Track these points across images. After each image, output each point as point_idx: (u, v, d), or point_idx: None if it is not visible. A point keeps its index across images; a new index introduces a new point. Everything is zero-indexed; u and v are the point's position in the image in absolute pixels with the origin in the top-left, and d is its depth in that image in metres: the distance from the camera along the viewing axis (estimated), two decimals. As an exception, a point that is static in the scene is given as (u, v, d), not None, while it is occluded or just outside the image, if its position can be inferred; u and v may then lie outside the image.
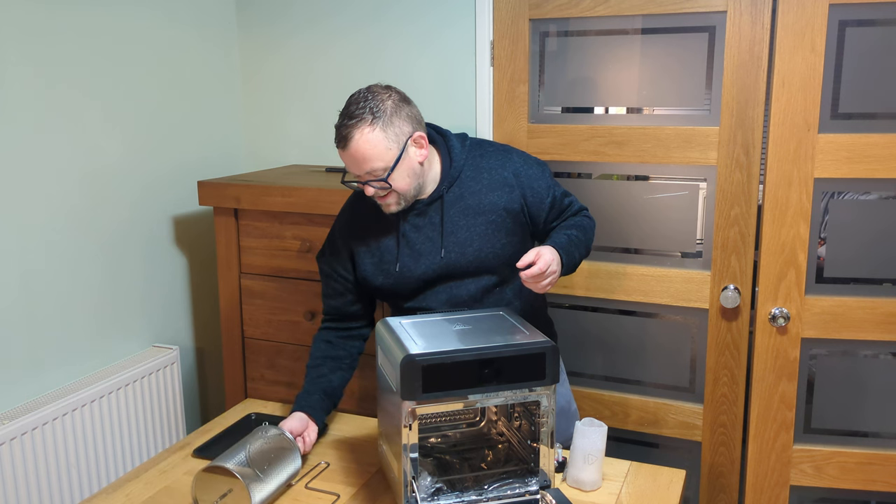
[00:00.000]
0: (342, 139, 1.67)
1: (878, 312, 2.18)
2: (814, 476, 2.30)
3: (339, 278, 1.90)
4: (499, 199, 1.81)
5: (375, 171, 1.68)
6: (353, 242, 1.87)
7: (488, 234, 1.80)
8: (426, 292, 1.84)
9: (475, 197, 1.81)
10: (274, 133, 2.86)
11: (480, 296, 1.84)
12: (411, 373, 1.43)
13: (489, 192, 1.81)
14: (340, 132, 1.67)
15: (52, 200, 2.16)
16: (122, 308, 2.41)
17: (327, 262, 1.92)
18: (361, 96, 1.69)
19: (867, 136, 2.10)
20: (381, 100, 1.68)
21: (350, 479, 1.71)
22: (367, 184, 1.70)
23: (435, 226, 1.81)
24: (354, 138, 1.65)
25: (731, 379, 2.36)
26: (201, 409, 2.83)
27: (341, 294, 1.91)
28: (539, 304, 2.01)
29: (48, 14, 2.10)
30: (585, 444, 1.64)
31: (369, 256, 1.85)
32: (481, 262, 1.81)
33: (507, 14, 2.43)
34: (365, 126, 1.65)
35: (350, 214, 1.90)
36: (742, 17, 2.18)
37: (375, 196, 1.73)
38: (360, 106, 1.67)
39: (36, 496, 2.05)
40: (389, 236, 1.83)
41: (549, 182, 1.87)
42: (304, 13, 2.72)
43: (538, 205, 1.84)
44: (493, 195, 1.81)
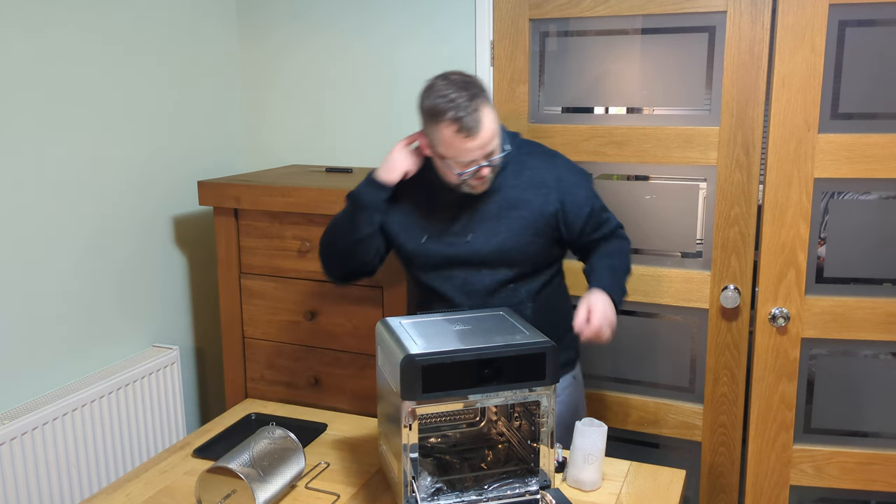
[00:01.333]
0: (473, 126, 1.65)
1: (878, 312, 2.18)
2: (814, 476, 2.30)
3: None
4: (535, 198, 1.81)
5: (496, 148, 1.71)
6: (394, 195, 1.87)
7: (517, 228, 1.80)
8: (442, 273, 1.85)
9: (513, 192, 1.82)
10: (274, 133, 2.86)
11: (494, 289, 1.84)
12: (411, 373, 1.43)
13: (527, 190, 1.82)
14: (467, 120, 1.64)
15: (52, 200, 2.16)
16: (122, 308, 2.41)
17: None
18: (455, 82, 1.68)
19: (867, 136, 2.10)
20: (471, 78, 1.70)
21: (350, 479, 1.71)
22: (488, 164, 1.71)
23: (469, 210, 1.82)
24: (484, 121, 1.66)
25: (731, 379, 2.36)
26: (201, 409, 2.83)
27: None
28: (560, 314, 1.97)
29: (48, 14, 2.10)
30: (585, 444, 1.64)
31: (401, 216, 1.86)
32: (503, 253, 1.81)
33: (507, 14, 2.43)
34: (484, 105, 1.67)
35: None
36: (742, 17, 2.17)
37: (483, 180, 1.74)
38: (467, 89, 1.66)
39: (36, 496, 2.05)
40: (426, 207, 1.85)
41: (590, 193, 1.87)
42: (304, 13, 2.72)
43: (576, 213, 1.83)
44: (530, 193, 1.81)
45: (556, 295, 1.95)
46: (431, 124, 1.70)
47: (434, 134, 1.71)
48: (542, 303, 1.89)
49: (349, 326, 2.34)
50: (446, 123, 1.66)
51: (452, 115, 1.65)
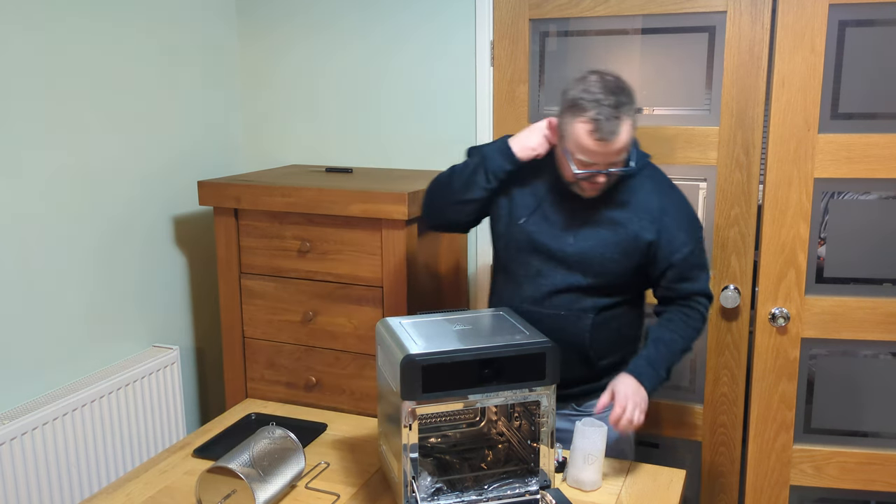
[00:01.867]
0: (609, 132, 1.62)
1: (878, 312, 2.18)
2: (814, 476, 2.30)
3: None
4: (635, 222, 1.78)
5: (622, 160, 1.69)
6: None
7: (608, 242, 1.78)
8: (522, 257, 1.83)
9: (619, 209, 1.79)
10: (274, 133, 2.86)
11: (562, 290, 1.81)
12: (411, 373, 1.43)
13: (631, 211, 1.79)
14: (605, 125, 1.61)
15: (52, 200, 2.15)
16: (123, 308, 2.41)
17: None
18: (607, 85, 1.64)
19: (867, 136, 2.10)
20: (623, 84, 1.66)
21: (350, 479, 1.71)
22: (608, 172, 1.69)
23: (577, 212, 1.80)
24: (622, 131, 1.63)
25: (731, 379, 2.36)
26: (201, 409, 2.83)
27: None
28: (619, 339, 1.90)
29: (49, 15, 2.10)
30: (585, 444, 1.64)
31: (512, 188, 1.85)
32: (584, 259, 1.78)
33: (507, 14, 2.43)
34: (628, 117, 1.64)
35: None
36: (742, 17, 2.18)
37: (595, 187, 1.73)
38: (617, 96, 1.63)
39: (36, 496, 2.05)
40: (539, 191, 1.83)
41: (691, 241, 1.81)
42: (304, 13, 2.72)
43: (667, 252, 1.79)
44: (633, 216, 1.79)
45: (621, 319, 1.88)
46: (569, 116, 1.67)
47: (568, 126, 1.68)
48: (603, 320, 1.84)
49: (349, 326, 2.34)
50: (583, 121, 1.63)
51: (592, 114, 1.62)
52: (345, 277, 2.31)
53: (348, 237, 2.27)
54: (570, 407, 1.94)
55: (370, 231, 2.24)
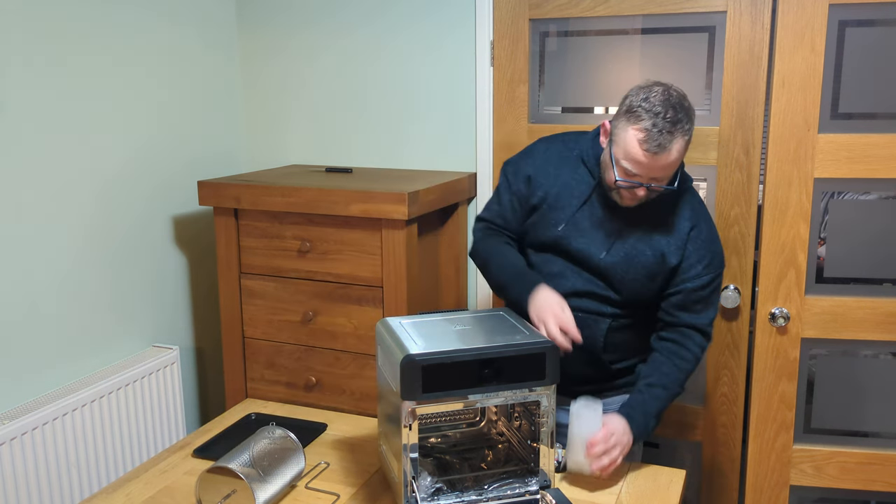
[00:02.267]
0: (663, 147, 1.60)
1: (878, 312, 2.18)
2: (814, 476, 2.30)
3: (517, 190, 1.88)
4: (664, 245, 1.77)
5: (666, 179, 1.67)
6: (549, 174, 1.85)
7: (638, 261, 1.77)
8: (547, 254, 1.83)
9: (654, 227, 1.78)
10: (274, 133, 2.86)
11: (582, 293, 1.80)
12: (411, 373, 1.43)
13: (665, 233, 1.78)
14: (658, 138, 1.59)
15: (53, 200, 2.15)
16: (122, 308, 2.41)
17: (515, 169, 1.90)
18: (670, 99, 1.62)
19: (867, 136, 2.10)
20: (686, 102, 1.64)
21: (350, 479, 1.71)
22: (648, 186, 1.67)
23: (612, 224, 1.79)
24: (673, 149, 1.61)
25: (731, 379, 2.36)
26: (201, 409, 2.83)
27: (514, 210, 1.89)
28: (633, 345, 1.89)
29: (49, 15, 2.10)
30: (583, 429, 1.62)
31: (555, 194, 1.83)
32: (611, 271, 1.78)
33: (507, 14, 2.43)
34: (683, 138, 1.62)
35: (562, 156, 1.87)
36: (742, 17, 2.18)
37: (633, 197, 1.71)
38: (676, 114, 1.60)
39: (36, 496, 2.05)
40: (574, 198, 1.81)
41: (707, 276, 1.78)
42: (304, 13, 2.72)
43: (681, 277, 1.77)
44: (665, 238, 1.78)
45: (636, 329, 1.87)
46: (623, 121, 1.65)
47: (620, 132, 1.65)
48: (618, 327, 1.83)
49: (349, 326, 2.34)
50: (637, 129, 1.61)
51: (647, 125, 1.60)
52: (345, 277, 2.31)
53: (348, 237, 2.27)
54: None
55: (370, 231, 2.24)
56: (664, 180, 1.68)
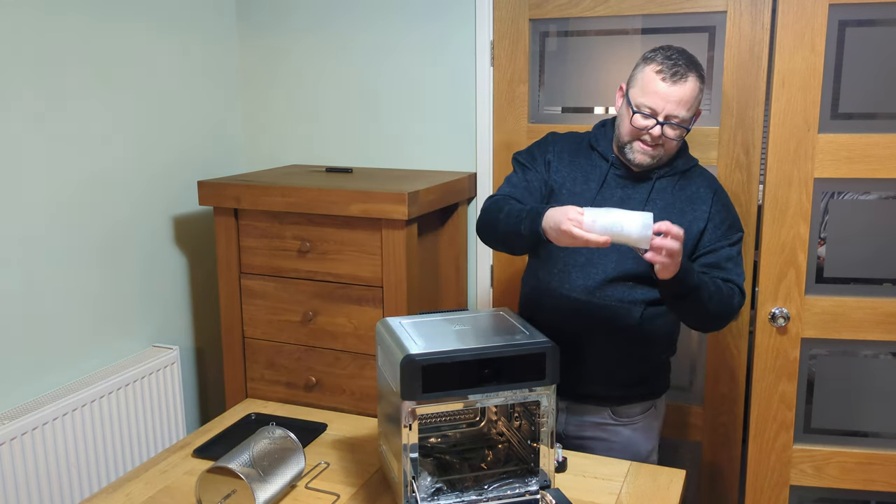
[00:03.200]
0: (678, 74, 1.68)
1: (878, 312, 2.18)
2: (814, 476, 2.30)
3: (534, 174, 1.89)
4: (692, 211, 1.80)
5: (681, 118, 1.71)
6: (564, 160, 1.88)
7: None
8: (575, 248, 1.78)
9: (673, 199, 1.81)
10: (274, 133, 2.86)
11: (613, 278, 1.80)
12: (411, 373, 1.43)
13: (686, 201, 1.81)
14: (676, 67, 1.69)
15: (52, 200, 2.16)
16: (122, 308, 2.41)
17: (529, 156, 1.92)
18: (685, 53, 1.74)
19: (867, 136, 2.10)
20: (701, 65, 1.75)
21: (350, 479, 1.71)
22: (663, 124, 1.71)
23: (634, 203, 1.81)
24: (690, 80, 1.70)
25: (731, 379, 2.36)
26: (201, 409, 2.83)
27: (529, 188, 1.89)
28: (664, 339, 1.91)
29: (48, 15, 2.10)
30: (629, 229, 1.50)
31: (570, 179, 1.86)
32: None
33: (507, 14, 2.43)
34: (697, 77, 1.71)
35: (571, 145, 1.92)
36: (742, 17, 2.18)
37: (651, 142, 1.73)
38: (690, 58, 1.73)
39: (36, 496, 2.05)
40: (593, 185, 1.84)
41: (731, 236, 1.81)
42: (304, 13, 2.72)
43: (708, 239, 1.80)
44: (686, 205, 1.81)
45: (667, 317, 1.86)
46: (640, 68, 1.75)
47: (638, 74, 1.74)
48: (652, 315, 1.83)
49: (349, 326, 2.34)
50: (654, 65, 1.71)
51: (663, 58, 1.70)
52: (345, 277, 2.31)
53: (348, 237, 2.28)
54: (607, 414, 1.92)
55: (370, 231, 2.24)
56: (679, 121, 1.72)
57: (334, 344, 2.37)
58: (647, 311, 1.83)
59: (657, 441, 2.02)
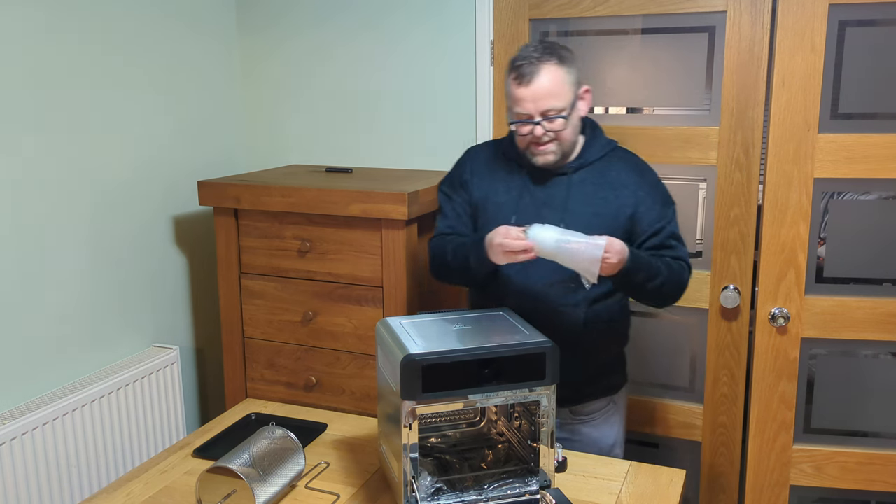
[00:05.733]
0: (528, 74, 1.69)
1: (878, 312, 2.18)
2: (814, 476, 2.30)
3: (459, 200, 1.92)
4: (616, 197, 1.81)
5: (554, 109, 1.72)
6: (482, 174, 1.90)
7: (593, 222, 1.79)
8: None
9: (595, 188, 1.82)
10: (274, 133, 2.86)
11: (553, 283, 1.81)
12: (411, 373, 1.43)
13: (609, 189, 1.82)
14: (525, 68, 1.70)
15: (52, 200, 2.16)
16: (122, 308, 2.41)
17: (450, 183, 1.95)
18: (543, 42, 1.75)
19: (867, 136, 2.10)
20: (561, 46, 1.75)
21: (350, 479, 1.71)
22: (540, 123, 1.72)
23: (557, 200, 1.82)
24: (541, 73, 1.70)
25: (731, 379, 2.36)
26: (201, 409, 2.83)
27: (459, 215, 1.91)
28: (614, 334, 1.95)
29: (48, 16, 2.10)
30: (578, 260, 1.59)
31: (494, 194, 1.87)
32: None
33: (507, 14, 2.43)
34: (552, 63, 1.70)
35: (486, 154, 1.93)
36: (742, 17, 2.18)
37: (541, 140, 1.74)
38: (545, 48, 1.72)
39: (36, 496, 2.05)
40: (514, 193, 1.85)
41: (667, 213, 1.84)
42: (304, 13, 2.72)
43: (646, 222, 1.81)
44: (611, 193, 1.82)
45: (612, 312, 1.89)
46: (506, 78, 1.77)
47: (506, 87, 1.78)
48: (597, 313, 1.85)
49: (349, 326, 2.34)
50: (512, 74, 1.73)
51: (517, 66, 1.72)
52: (345, 277, 2.31)
53: (348, 237, 2.28)
54: (566, 414, 1.94)
55: (370, 231, 2.24)
56: (554, 112, 1.72)
57: (334, 344, 2.37)
58: (591, 311, 1.84)
59: (620, 435, 2.04)
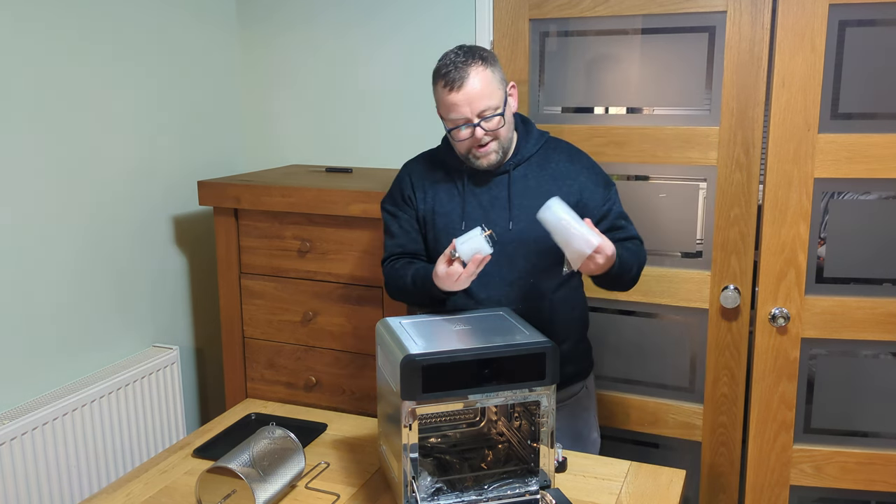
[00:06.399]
0: (457, 79, 1.69)
1: (878, 312, 2.18)
2: (814, 476, 2.30)
3: (405, 217, 1.90)
4: (559, 188, 1.82)
5: (489, 109, 1.72)
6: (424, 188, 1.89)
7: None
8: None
9: (537, 181, 1.83)
10: (274, 133, 2.86)
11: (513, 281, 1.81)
12: (411, 373, 1.43)
13: (552, 181, 1.83)
14: (453, 74, 1.69)
15: (53, 201, 2.16)
16: (123, 308, 2.41)
17: (393, 201, 1.93)
18: (462, 48, 1.74)
19: (867, 136, 2.10)
20: (482, 48, 1.75)
21: (350, 479, 1.71)
22: (478, 124, 1.72)
23: (501, 201, 1.82)
24: (471, 76, 1.69)
25: (731, 379, 2.36)
26: (201, 409, 2.83)
27: (407, 232, 1.90)
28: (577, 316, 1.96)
29: (47, 15, 2.10)
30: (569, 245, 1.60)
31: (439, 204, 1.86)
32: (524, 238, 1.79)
33: (507, 14, 2.43)
34: (478, 65, 1.71)
35: (424, 167, 1.92)
36: (742, 17, 2.17)
37: (481, 142, 1.74)
38: (466, 52, 1.72)
39: (36, 496, 2.05)
40: (457, 200, 1.85)
41: (610, 196, 1.87)
42: (304, 13, 2.72)
43: (592, 207, 1.82)
44: (553, 185, 1.82)
45: (574, 296, 1.93)
46: (433, 88, 1.75)
47: (435, 96, 1.76)
48: (558, 302, 1.87)
49: (349, 326, 2.34)
50: (440, 82, 1.72)
51: (443, 71, 1.71)
52: (345, 277, 2.31)
53: (348, 237, 2.28)
54: None
55: (370, 231, 2.24)
56: (490, 111, 1.72)
57: (334, 344, 2.37)
58: (553, 301, 1.85)
59: (595, 419, 2.05)
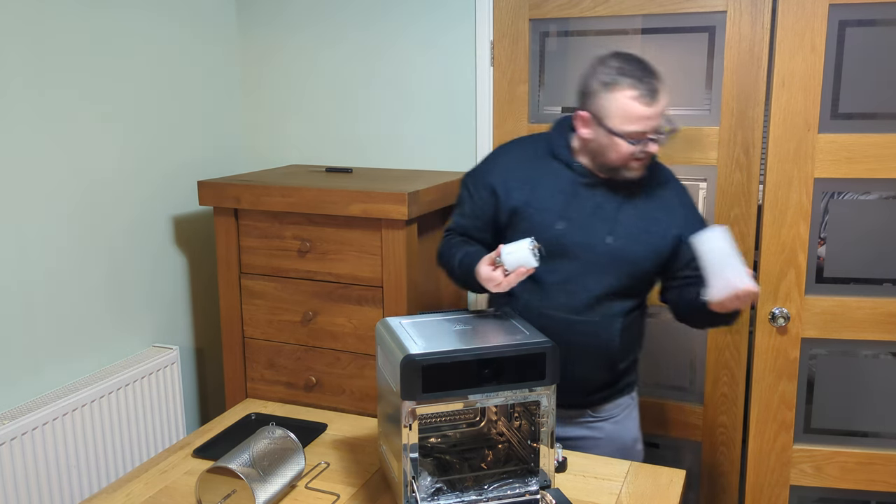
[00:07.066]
0: (654, 93, 1.67)
1: (878, 312, 2.18)
2: (814, 476, 2.30)
3: (480, 203, 1.87)
4: (667, 217, 1.80)
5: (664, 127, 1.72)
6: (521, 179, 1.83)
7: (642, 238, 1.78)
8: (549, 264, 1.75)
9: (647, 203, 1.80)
10: (274, 133, 2.86)
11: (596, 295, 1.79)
12: (411, 373, 1.43)
13: (662, 209, 1.81)
14: (652, 86, 1.67)
15: (52, 201, 2.16)
16: (123, 308, 2.41)
17: (475, 181, 1.89)
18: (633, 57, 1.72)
19: (867, 136, 2.10)
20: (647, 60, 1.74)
21: (350, 479, 1.71)
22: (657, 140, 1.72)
23: (607, 211, 1.79)
24: (661, 92, 1.69)
25: (731, 379, 2.36)
26: (201, 409, 2.83)
27: (477, 217, 1.88)
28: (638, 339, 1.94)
29: (47, 15, 2.10)
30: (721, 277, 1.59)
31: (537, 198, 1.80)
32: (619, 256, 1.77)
33: (507, 14, 2.43)
34: (662, 82, 1.71)
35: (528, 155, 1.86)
36: (742, 17, 2.18)
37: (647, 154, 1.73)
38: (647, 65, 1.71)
39: (36, 496, 2.05)
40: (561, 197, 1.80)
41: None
42: (304, 13, 2.72)
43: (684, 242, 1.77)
44: (665, 214, 1.81)
45: (640, 321, 1.90)
46: (606, 94, 1.69)
47: (608, 103, 1.69)
48: (628, 324, 1.84)
49: (349, 326, 2.34)
50: (625, 89, 1.67)
51: (633, 81, 1.67)
52: (345, 277, 2.31)
53: (348, 237, 2.28)
54: (587, 414, 1.93)
55: (370, 231, 2.24)
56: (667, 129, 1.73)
57: (334, 344, 2.37)
58: (625, 322, 1.83)
59: (639, 430, 2.04)
